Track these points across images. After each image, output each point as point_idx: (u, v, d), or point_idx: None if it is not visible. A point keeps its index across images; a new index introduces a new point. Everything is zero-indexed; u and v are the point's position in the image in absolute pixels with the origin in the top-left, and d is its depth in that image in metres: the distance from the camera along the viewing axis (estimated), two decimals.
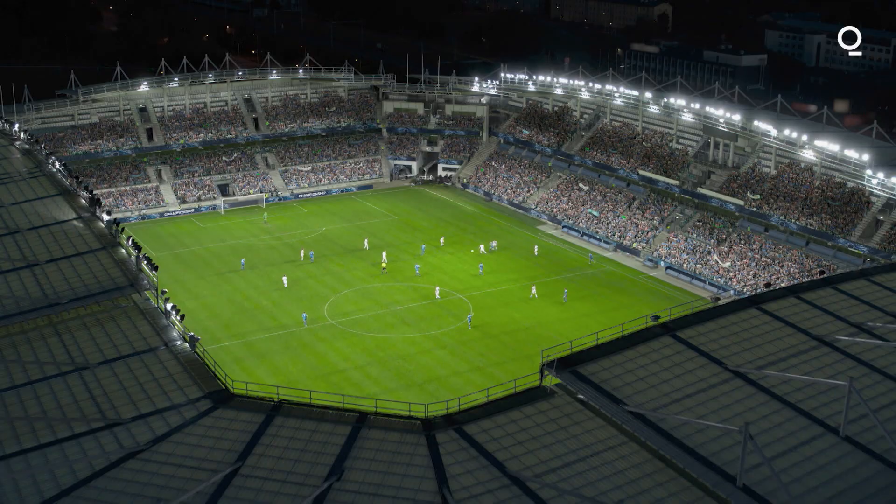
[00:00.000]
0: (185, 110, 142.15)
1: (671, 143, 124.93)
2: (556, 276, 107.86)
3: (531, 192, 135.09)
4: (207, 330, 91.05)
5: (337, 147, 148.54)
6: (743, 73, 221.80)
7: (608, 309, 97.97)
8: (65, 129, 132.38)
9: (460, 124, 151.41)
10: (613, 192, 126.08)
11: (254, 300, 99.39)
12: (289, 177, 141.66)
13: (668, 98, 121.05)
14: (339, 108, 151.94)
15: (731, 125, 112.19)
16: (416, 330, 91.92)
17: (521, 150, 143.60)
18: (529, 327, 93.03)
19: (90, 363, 50.39)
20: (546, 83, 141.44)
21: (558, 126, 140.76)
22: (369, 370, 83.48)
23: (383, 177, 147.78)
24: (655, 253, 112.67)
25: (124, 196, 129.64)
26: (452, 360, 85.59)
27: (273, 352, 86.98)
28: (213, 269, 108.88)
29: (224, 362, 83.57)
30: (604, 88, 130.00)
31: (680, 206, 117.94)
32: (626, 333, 52.05)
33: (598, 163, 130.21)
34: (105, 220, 64.01)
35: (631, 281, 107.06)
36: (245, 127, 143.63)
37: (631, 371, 48.39)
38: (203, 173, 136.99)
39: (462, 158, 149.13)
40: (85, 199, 71.02)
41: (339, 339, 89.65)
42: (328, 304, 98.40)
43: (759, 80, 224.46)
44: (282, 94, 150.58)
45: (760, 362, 49.59)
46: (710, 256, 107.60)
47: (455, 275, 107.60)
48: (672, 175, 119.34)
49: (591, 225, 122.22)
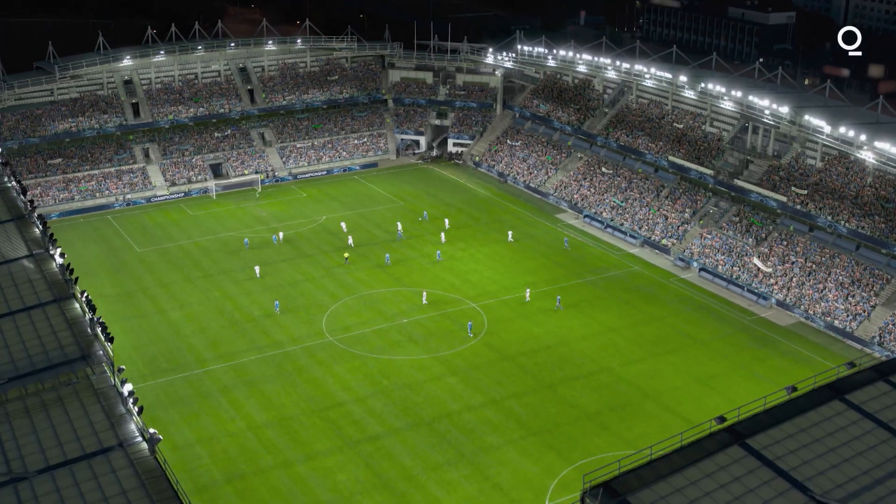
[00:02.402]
0: (175, 82, 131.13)
1: (704, 125, 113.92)
2: (578, 278, 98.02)
3: (549, 174, 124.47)
4: (193, 349, 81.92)
5: (339, 121, 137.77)
6: (769, 32, 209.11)
7: (637, 322, 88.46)
8: (43, 105, 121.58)
9: (472, 95, 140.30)
10: (640, 179, 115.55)
11: (245, 310, 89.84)
12: (287, 154, 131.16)
13: (706, 83, 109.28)
14: (341, 78, 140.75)
15: (778, 118, 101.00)
16: (424, 350, 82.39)
17: (539, 127, 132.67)
18: (551, 346, 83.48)
19: (28, 472, 40.92)
20: (567, 59, 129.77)
21: (579, 101, 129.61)
22: (372, 403, 74.13)
23: (389, 153, 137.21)
24: (687, 251, 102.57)
25: (108, 179, 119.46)
26: (465, 390, 76.16)
27: (265, 378, 77.64)
28: (202, 268, 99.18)
29: (210, 393, 74.89)
30: (632, 68, 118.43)
31: (714, 198, 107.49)
32: (686, 443, 42.24)
33: (623, 145, 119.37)
34: (58, 262, 53.94)
35: (661, 285, 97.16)
36: (239, 100, 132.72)
37: (694, 501, 38.67)
38: (194, 152, 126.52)
39: (474, 133, 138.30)
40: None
41: (339, 362, 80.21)
42: (327, 315, 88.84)
43: (786, 39, 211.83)
44: (279, 63, 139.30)
45: (853, 486, 39.84)
46: (748, 259, 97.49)
47: (466, 276, 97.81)
48: (705, 163, 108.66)
49: (614, 215, 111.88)
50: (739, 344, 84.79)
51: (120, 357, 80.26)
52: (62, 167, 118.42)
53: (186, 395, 74.89)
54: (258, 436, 69.63)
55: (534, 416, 72.46)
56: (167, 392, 75.35)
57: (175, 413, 72.58)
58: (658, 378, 78.35)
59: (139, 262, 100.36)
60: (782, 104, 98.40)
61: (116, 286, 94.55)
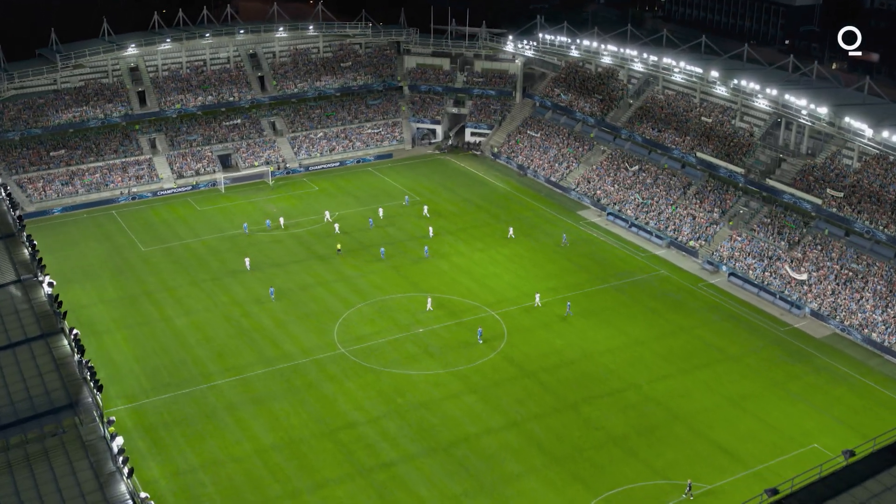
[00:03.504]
0: (182, 69, 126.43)
1: (734, 119, 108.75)
2: (602, 283, 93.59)
3: (571, 167, 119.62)
4: (198, 361, 78.01)
5: (353, 109, 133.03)
6: (795, 14, 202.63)
7: (665, 333, 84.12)
8: (45, 94, 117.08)
9: (491, 83, 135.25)
10: (666, 175, 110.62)
11: (253, 317, 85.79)
12: (298, 144, 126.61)
13: (739, 80, 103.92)
14: (355, 64, 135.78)
15: (816, 118, 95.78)
16: (441, 364, 78.22)
17: (560, 117, 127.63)
18: (573, 361, 79.22)
19: None
20: (591, 49, 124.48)
21: (602, 91, 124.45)
22: (386, 425, 70.11)
23: (404, 143, 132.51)
24: (716, 254, 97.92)
25: (113, 171, 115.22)
26: (484, 410, 72.03)
27: (273, 395, 73.67)
28: (209, 270, 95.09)
29: (215, 411, 71.06)
30: (660, 61, 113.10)
31: (744, 198, 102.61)
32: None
33: (648, 139, 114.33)
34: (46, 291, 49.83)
35: (689, 291, 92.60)
36: (250, 87, 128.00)
37: None
38: (202, 142, 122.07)
39: (492, 122, 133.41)
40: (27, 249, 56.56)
41: (351, 377, 76.15)
42: (339, 323, 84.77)
43: (813, 21, 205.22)
44: (291, 49, 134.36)
45: None
46: (780, 264, 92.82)
47: (485, 281, 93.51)
48: (735, 160, 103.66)
49: (639, 213, 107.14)
50: (772, 359, 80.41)
51: (122, 369, 76.73)
52: (65, 159, 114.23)
53: (190, 414, 71.03)
54: (265, 461, 65.79)
55: (557, 441, 68.41)
56: (170, 410, 71.51)
57: (178, 434, 68.79)
58: (688, 397, 74.14)
59: (143, 263, 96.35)
60: (821, 104, 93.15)
61: (119, 289, 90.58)
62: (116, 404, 71.97)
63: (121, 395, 73.20)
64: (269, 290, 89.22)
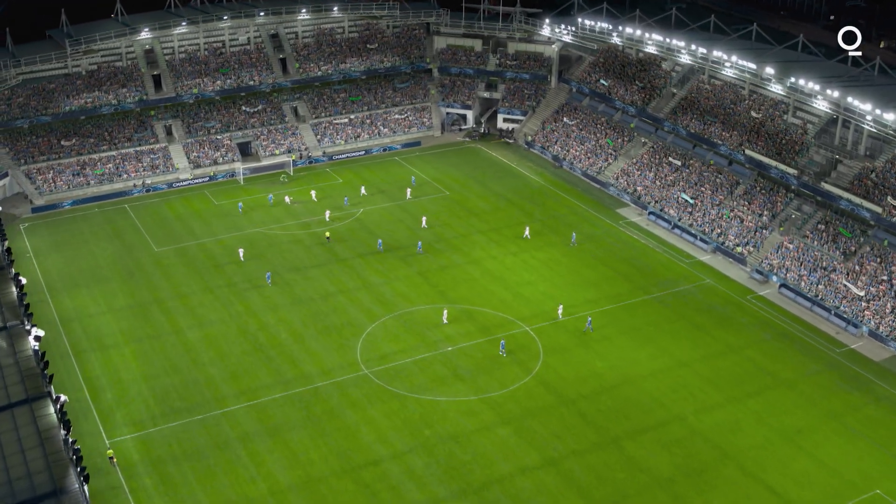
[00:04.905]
0: (200, 51, 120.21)
1: (786, 114, 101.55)
2: (645, 293, 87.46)
3: (609, 160, 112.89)
4: (211, 382, 72.93)
5: (379, 93, 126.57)
6: None
7: (712, 354, 78.12)
8: (56, 78, 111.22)
9: (525, 66, 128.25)
10: (712, 172, 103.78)
11: (270, 330, 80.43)
12: (321, 131, 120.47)
13: (796, 77, 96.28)
14: (381, 45, 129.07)
15: (882, 125, 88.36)
16: (472, 388, 72.60)
17: (598, 105, 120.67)
18: (614, 386, 73.42)
19: None
20: (634, 37, 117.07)
21: (643, 78, 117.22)
22: (412, 462, 64.74)
23: (433, 129, 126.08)
24: (765, 262, 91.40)
25: (127, 161, 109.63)
26: (519, 444, 66.47)
27: (290, 424, 68.36)
28: (225, 274, 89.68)
29: (228, 443, 65.89)
30: (709, 54, 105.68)
31: (796, 201, 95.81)
32: None
33: (692, 133, 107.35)
34: (33, 346, 44.32)
35: (736, 305, 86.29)
36: (271, 70, 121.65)
37: None
38: (221, 129, 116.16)
39: (526, 108, 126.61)
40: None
41: (375, 404, 70.68)
42: (363, 338, 79.17)
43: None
44: (314, 29, 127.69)
45: None
46: (835, 276, 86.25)
47: (518, 290, 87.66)
48: (787, 160, 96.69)
49: (682, 214, 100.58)
50: (828, 385, 74.31)
51: (130, 390, 71.83)
52: (76, 148, 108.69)
53: (202, 446, 65.88)
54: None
55: (598, 483, 62.91)
56: (180, 440, 66.38)
57: (188, 469, 63.69)
58: (738, 432, 68.32)
59: (156, 266, 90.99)
60: (887, 108, 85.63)
61: (129, 296, 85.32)
62: (122, 433, 66.99)
63: (127, 422, 68.16)
64: (266, 275, 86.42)
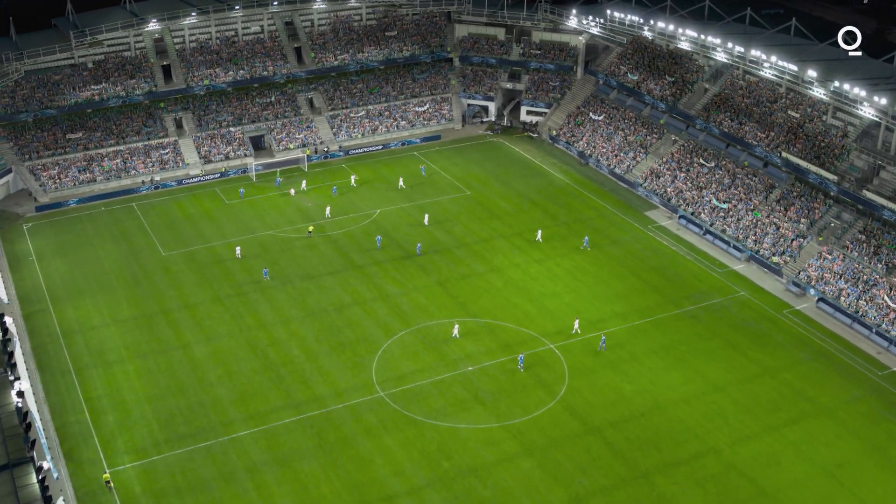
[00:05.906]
0: (212, 40, 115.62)
1: (825, 115, 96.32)
2: (676, 307, 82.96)
3: (638, 158, 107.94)
4: (218, 405, 69.22)
5: (398, 83, 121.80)
6: None
7: (747, 377, 73.71)
8: (61, 69, 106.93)
9: (550, 56, 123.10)
10: (746, 174, 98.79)
11: (281, 345, 76.48)
12: (338, 124, 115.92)
13: (841, 82, 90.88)
14: (401, 33, 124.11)
15: None
16: (494, 414, 68.47)
17: (626, 98, 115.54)
18: (644, 413, 69.15)
19: None
20: (666, 32, 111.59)
21: (674, 72, 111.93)
22: (429, 498, 60.88)
23: (454, 121, 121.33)
24: (802, 274, 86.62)
25: (135, 156, 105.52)
26: (542, 479, 62.44)
27: (301, 453, 64.51)
28: (235, 282, 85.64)
29: (235, 473, 62.10)
30: (747, 53, 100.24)
31: (836, 208, 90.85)
32: None
33: (726, 132, 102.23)
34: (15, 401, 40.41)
35: (772, 320, 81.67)
36: (285, 60, 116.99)
37: None
38: (233, 122, 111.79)
39: (551, 101, 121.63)
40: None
41: (390, 431, 66.68)
42: (378, 356, 75.09)
43: None
44: (331, 17, 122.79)
45: None
46: (877, 291, 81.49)
47: (542, 302, 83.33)
48: (827, 164, 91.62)
49: (714, 219, 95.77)
50: (870, 413, 69.89)
51: (133, 413, 68.16)
52: (83, 142, 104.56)
53: (207, 477, 62.16)
54: None
55: None
56: (184, 471, 62.66)
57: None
58: (776, 466, 64.12)
59: (163, 272, 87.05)
60: None
61: (134, 307, 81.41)
62: (124, 461, 63.38)
63: (129, 450, 64.46)
64: (263, 272, 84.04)
